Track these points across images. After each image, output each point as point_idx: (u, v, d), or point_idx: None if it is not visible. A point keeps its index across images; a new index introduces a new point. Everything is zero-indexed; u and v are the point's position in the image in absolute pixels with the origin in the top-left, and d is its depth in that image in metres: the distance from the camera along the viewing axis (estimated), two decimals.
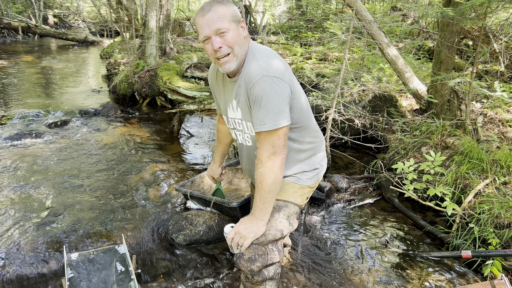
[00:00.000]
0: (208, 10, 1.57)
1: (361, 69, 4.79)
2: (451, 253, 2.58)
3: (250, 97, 1.60)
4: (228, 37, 1.57)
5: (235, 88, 1.70)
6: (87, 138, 4.52)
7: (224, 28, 1.56)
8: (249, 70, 1.60)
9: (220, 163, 2.25)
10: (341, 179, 3.43)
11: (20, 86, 6.69)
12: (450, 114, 3.85)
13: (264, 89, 1.54)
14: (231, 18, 1.58)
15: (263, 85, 1.54)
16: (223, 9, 1.57)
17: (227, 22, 1.57)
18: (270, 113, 1.55)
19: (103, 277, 2.11)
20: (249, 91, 1.59)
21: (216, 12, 1.56)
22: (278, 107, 1.55)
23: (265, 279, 1.75)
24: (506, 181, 2.90)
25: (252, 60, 1.61)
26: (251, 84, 1.57)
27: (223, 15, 1.56)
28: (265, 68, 1.56)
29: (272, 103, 1.55)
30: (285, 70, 1.61)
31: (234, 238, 1.68)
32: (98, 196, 3.18)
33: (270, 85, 1.54)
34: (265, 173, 1.61)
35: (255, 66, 1.58)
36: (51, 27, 14.62)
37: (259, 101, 1.56)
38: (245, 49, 1.64)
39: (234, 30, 1.58)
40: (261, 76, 1.54)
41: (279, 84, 1.56)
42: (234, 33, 1.58)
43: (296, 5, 11.58)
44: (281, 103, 1.56)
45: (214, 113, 4.41)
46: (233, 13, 1.59)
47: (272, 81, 1.55)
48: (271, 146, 1.59)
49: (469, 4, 2.92)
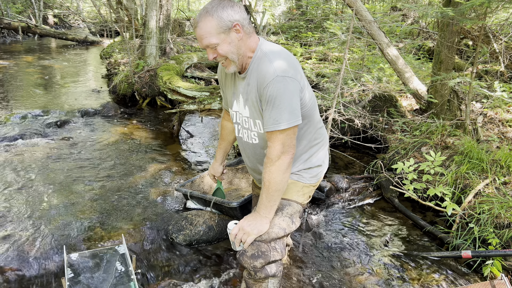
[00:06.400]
0: (196, 26, 1.58)
1: (361, 69, 4.79)
2: (451, 253, 2.58)
3: (263, 97, 1.61)
4: (218, 49, 1.60)
5: (244, 84, 1.72)
6: (87, 138, 4.52)
7: (213, 44, 1.58)
8: (262, 70, 1.60)
9: (221, 161, 2.25)
10: (341, 179, 3.43)
11: (20, 86, 6.68)
12: (450, 114, 3.85)
13: (278, 89, 1.55)
14: (218, 30, 1.57)
15: (277, 85, 1.55)
16: (210, 23, 1.56)
17: (215, 36, 1.57)
18: (283, 113, 1.57)
19: (103, 277, 2.11)
20: (262, 91, 1.60)
21: (202, 29, 1.57)
22: (291, 106, 1.57)
23: (267, 276, 1.75)
24: (506, 181, 2.90)
25: (264, 60, 1.62)
26: (264, 84, 1.58)
27: (209, 31, 1.56)
28: (278, 68, 1.57)
29: (286, 102, 1.56)
30: (294, 68, 1.62)
31: (238, 234, 1.69)
32: (98, 196, 3.18)
33: (284, 85, 1.56)
34: (274, 171, 1.62)
35: (268, 66, 1.59)
36: (51, 27, 14.61)
37: (272, 101, 1.57)
38: (245, 50, 1.65)
39: (223, 42, 1.59)
40: (275, 76, 1.55)
41: (292, 83, 1.57)
42: (223, 45, 1.59)
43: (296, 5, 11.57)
44: (293, 102, 1.58)
45: (214, 113, 4.41)
46: (219, 24, 1.56)
47: (286, 81, 1.56)
48: (282, 145, 1.61)
49: (469, 4, 2.92)
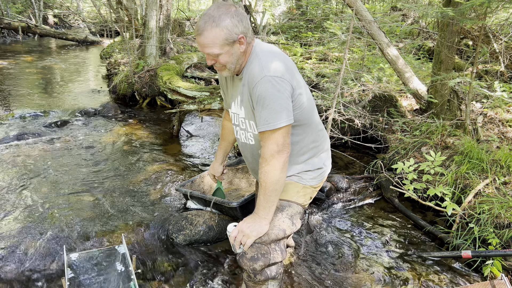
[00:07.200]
0: (200, 33, 1.55)
1: (361, 69, 4.79)
2: (451, 253, 2.58)
3: (253, 96, 1.61)
4: (219, 59, 1.60)
5: (240, 85, 1.72)
6: (87, 138, 4.52)
7: (215, 54, 1.57)
8: (252, 70, 1.61)
9: (222, 161, 2.25)
10: (341, 179, 3.43)
11: (20, 86, 6.68)
12: (450, 114, 3.85)
13: (266, 89, 1.55)
14: (223, 42, 1.55)
15: (265, 85, 1.55)
16: (215, 33, 1.53)
17: (218, 47, 1.55)
18: (273, 112, 1.56)
19: (103, 277, 2.11)
20: (251, 91, 1.61)
21: (208, 38, 1.54)
22: (281, 106, 1.57)
23: (267, 278, 1.75)
24: (506, 181, 2.90)
25: (254, 60, 1.63)
26: (253, 84, 1.59)
27: (214, 41, 1.54)
28: (267, 68, 1.57)
29: (275, 102, 1.56)
30: (286, 68, 1.62)
31: (237, 237, 1.68)
32: (98, 196, 3.18)
33: (272, 85, 1.55)
34: (269, 171, 1.62)
35: (257, 66, 1.60)
36: (51, 27, 14.60)
37: (262, 101, 1.57)
38: (244, 59, 1.66)
39: (226, 53, 1.58)
40: (263, 76, 1.56)
41: (281, 84, 1.57)
42: (225, 56, 1.59)
43: (296, 5, 11.57)
44: (283, 102, 1.57)
45: (214, 113, 4.41)
46: (226, 36, 1.54)
47: (274, 80, 1.56)
48: (275, 144, 1.60)
49: (469, 4, 2.92)
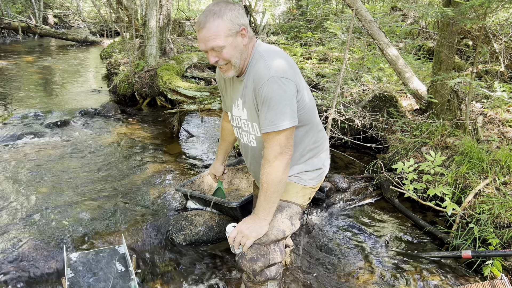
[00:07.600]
0: (202, 27, 1.55)
1: (361, 69, 4.79)
2: (451, 253, 2.58)
3: (258, 98, 1.60)
4: (223, 53, 1.58)
5: (241, 88, 1.71)
6: (87, 138, 4.52)
7: (219, 47, 1.56)
8: (257, 71, 1.60)
9: (222, 161, 2.25)
10: (341, 179, 3.43)
11: (20, 86, 6.68)
12: (450, 114, 3.85)
13: (273, 90, 1.54)
14: (226, 33, 1.54)
15: (272, 86, 1.54)
16: (218, 25, 1.53)
17: (222, 39, 1.55)
18: (279, 114, 1.55)
19: (103, 277, 2.11)
20: (257, 92, 1.60)
21: (210, 30, 1.53)
22: (287, 107, 1.56)
23: (267, 279, 1.75)
24: (506, 181, 2.90)
25: (259, 61, 1.61)
26: (259, 85, 1.57)
27: (217, 32, 1.53)
28: (273, 69, 1.56)
29: (281, 103, 1.55)
30: (291, 68, 1.61)
31: (236, 238, 1.68)
32: (98, 196, 3.18)
33: (279, 86, 1.54)
34: (271, 173, 1.61)
35: (263, 67, 1.58)
36: (51, 27, 14.60)
37: (268, 102, 1.56)
38: (247, 55, 1.65)
39: (230, 45, 1.57)
40: (270, 77, 1.55)
41: (287, 84, 1.56)
42: (229, 49, 1.57)
43: (296, 5, 11.57)
44: (289, 103, 1.57)
45: (214, 113, 4.41)
46: (229, 26, 1.54)
47: (281, 81, 1.55)
48: (279, 146, 1.59)
49: (469, 4, 2.92)
